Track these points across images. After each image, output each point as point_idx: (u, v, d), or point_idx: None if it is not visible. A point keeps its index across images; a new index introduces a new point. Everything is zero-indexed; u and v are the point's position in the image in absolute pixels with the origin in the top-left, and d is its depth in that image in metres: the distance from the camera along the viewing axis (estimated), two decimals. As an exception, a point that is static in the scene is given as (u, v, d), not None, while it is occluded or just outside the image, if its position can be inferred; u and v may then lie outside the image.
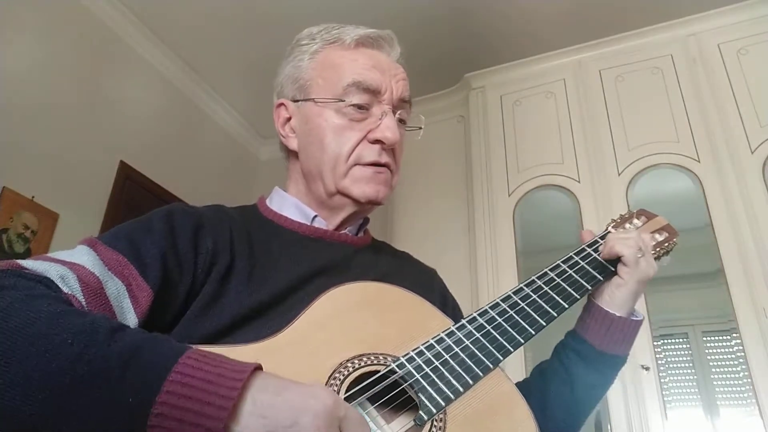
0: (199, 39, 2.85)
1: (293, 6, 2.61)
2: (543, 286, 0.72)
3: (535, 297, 0.70)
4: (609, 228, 0.86)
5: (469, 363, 0.61)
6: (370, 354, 0.58)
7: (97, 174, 2.49)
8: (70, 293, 0.52)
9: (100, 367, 0.42)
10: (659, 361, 2.05)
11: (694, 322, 2.39)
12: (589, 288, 0.74)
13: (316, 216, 0.79)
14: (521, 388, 0.63)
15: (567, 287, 0.72)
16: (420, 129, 0.87)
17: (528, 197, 2.52)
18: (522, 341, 0.65)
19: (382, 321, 0.63)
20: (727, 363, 2.18)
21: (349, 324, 0.60)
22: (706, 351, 2.32)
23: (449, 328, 0.64)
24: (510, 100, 2.75)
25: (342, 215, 0.79)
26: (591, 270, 0.75)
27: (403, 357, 0.59)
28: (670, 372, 2.18)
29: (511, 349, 0.64)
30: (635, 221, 0.89)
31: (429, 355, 0.60)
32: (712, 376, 2.24)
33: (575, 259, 0.77)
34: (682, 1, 2.48)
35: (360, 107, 0.77)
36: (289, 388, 0.45)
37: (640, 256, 0.75)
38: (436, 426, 0.55)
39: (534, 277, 0.73)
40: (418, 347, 0.61)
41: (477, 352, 0.62)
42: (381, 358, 0.59)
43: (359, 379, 0.56)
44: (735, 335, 2.00)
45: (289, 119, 0.82)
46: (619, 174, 2.38)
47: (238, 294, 0.65)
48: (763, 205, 2.09)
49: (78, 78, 2.46)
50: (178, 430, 0.40)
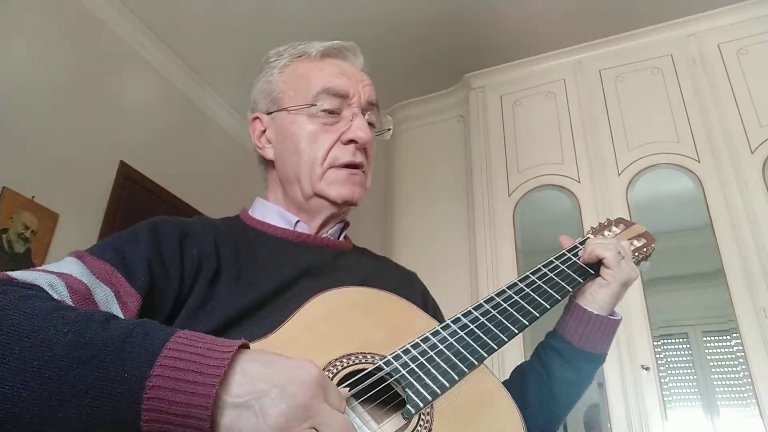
0: (199, 39, 2.86)
1: (293, 6, 2.62)
2: (525, 288, 0.75)
3: (517, 298, 0.73)
4: (588, 235, 0.89)
5: (455, 360, 0.62)
6: (358, 353, 0.60)
7: (97, 174, 2.49)
8: (60, 299, 0.54)
9: (95, 349, 0.44)
10: (659, 361, 2.05)
11: (694, 322, 2.39)
12: (570, 290, 0.77)
13: (298, 221, 0.83)
14: None
15: (548, 289, 0.75)
16: (389, 130, 0.91)
17: (528, 197, 2.53)
18: (506, 339, 0.67)
19: (370, 323, 0.65)
20: (727, 363, 2.18)
21: (338, 326, 0.62)
22: (706, 351, 2.32)
23: (435, 327, 0.66)
24: (510, 100, 2.75)
25: (321, 217, 0.83)
26: (571, 273, 0.79)
27: (389, 355, 0.61)
28: (670, 372, 2.18)
29: (495, 347, 0.66)
30: (614, 229, 0.93)
31: (415, 352, 0.62)
32: (712, 376, 2.24)
33: (556, 263, 0.81)
34: (682, 1, 2.48)
35: (331, 112, 0.81)
36: (277, 360, 0.47)
37: (621, 258, 0.78)
38: (423, 420, 0.57)
39: (516, 280, 0.76)
40: (404, 346, 0.63)
41: (462, 349, 0.64)
42: (369, 356, 0.60)
43: (347, 377, 0.57)
44: (735, 335, 2.00)
45: (264, 131, 0.86)
46: (619, 174, 2.38)
47: (228, 296, 0.67)
48: (763, 205, 2.09)
49: (78, 78, 2.46)
50: (172, 400, 0.42)
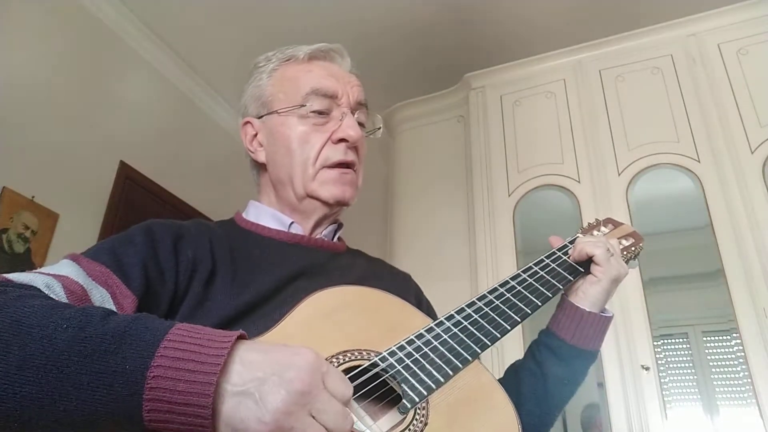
0: (199, 39, 2.86)
1: (294, 6, 2.62)
2: (516, 285, 0.76)
3: (509, 296, 0.74)
4: (577, 234, 0.91)
5: (449, 356, 0.63)
6: (354, 350, 0.61)
7: (97, 174, 2.49)
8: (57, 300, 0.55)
9: (96, 343, 0.45)
10: (659, 361, 2.05)
11: (694, 322, 2.39)
12: (560, 287, 0.78)
13: (292, 222, 0.83)
14: None
15: (539, 287, 0.77)
16: (379, 129, 0.92)
17: (528, 197, 2.52)
18: (498, 336, 0.68)
19: (365, 321, 0.65)
20: (727, 363, 2.18)
21: (333, 324, 0.63)
22: (706, 351, 2.32)
23: (429, 324, 0.67)
24: (510, 100, 2.75)
25: (314, 218, 0.84)
26: (562, 271, 0.80)
27: (385, 351, 0.61)
28: (670, 372, 2.18)
29: (489, 343, 0.66)
30: (603, 228, 0.95)
31: (410, 349, 0.63)
32: (712, 376, 2.24)
33: (546, 261, 0.82)
34: (682, 1, 2.48)
35: (320, 113, 0.82)
36: (275, 348, 0.48)
37: (610, 255, 0.79)
38: (419, 415, 0.57)
39: (508, 278, 0.77)
40: (399, 342, 0.63)
41: (456, 345, 0.65)
42: (365, 353, 0.61)
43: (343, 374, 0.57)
44: (735, 335, 1.99)
45: (255, 135, 0.87)
46: (619, 174, 2.38)
47: (223, 297, 0.68)
48: (763, 205, 2.09)
49: (78, 78, 2.46)
50: (174, 389, 0.43)
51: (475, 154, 2.71)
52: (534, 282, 0.77)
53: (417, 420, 0.57)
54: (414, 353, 0.62)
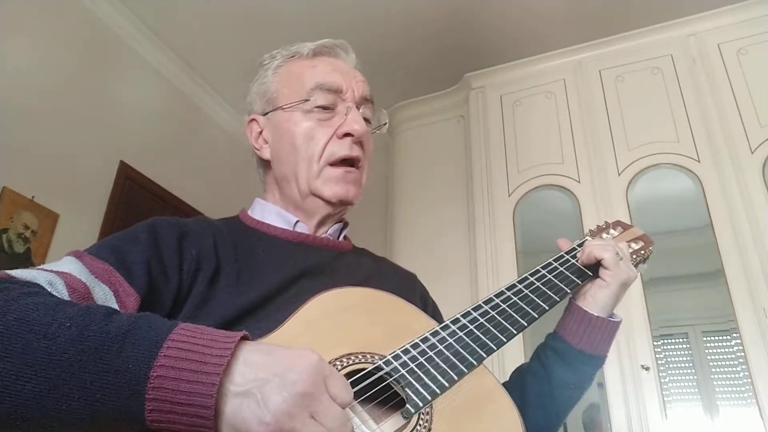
0: (199, 39, 2.86)
1: (293, 6, 2.62)
2: (524, 289, 0.75)
3: (516, 299, 0.73)
4: (586, 237, 0.89)
5: (454, 360, 0.62)
6: (357, 353, 0.60)
7: (97, 174, 2.49)
8: (59, 297, 0.54)
9: (98, 342, 0.45)
10: (659, 361, 2.05)
11: (694, 322, 2.39)
12: (568, 291, 0.77)
13: (297, 221, 0.82)
14: None
15: (547, 290, 0.75)
16: (385, 125, 0.91)
17: (528, 197, 2.53)
18: (504, 340, 0.67)
19: (369, 323, 0.65)
20: (727, 363, 2.18)
21: (337, 326, 0.62)
22: (706, 351, 2.32)
23: (434, 327, 0.66)
24: (510, 100, 2.75)
25: (317, 217, 0.83)
26: (570, 275, 0.79)
27: (389, 355, 0.61)
28: (670, 372, 2.18)
29: (494, 348, 0.66)
30: (611, 231, 0.93)
31: (414, 352, 0.62)
32: (712, 376, 2.24)
33: (554, 264, 0.81)
34: (682, 1, 2.48)
35: (325, 108, 0.81)
36: (278, 350, 0.48)
37: (619, 259, 0.78)
38: (422, 419, 0.57)
39: (515, 281, 0.76)
40: (404, 346, 0.63)
41: (461, 350, 0.64)
42: (368, 356, 0.60)
43: (346, 377, 0.56)
44: (735, 335, 2.00)
45: (261, 132, 0.86)
46: (619, 174, 2.38)
47: (227, 296, 0.67)
48: (763, 205, 2.09)
49: (78, 78, 2.46)
50: (177, 389, 0.43)
51: (475, 154, 2.71)
52: (541, 285, 0.76)
53: (421, 425, 0.56)
54: (418, 357, 0.62)
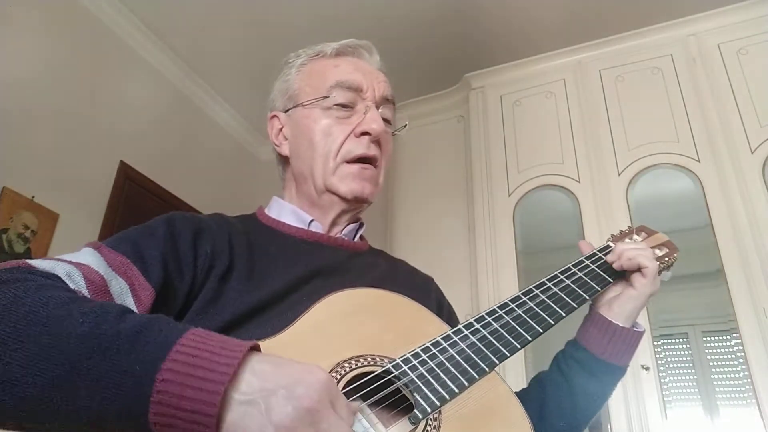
0: (199, 39, 2.86)
1: (294, 7, 2.62)
2: (540, 294, 0.73)
3: (532, 305, 0.71)
4: (608, 242, 0.86)
5: (465, 365, 0.61)
6: (367, 356, 0.59)
7: (97, 174, 2.49)
8: (76, 289, 0.55)
9: (109, 341, 0.45)
10: (659, 361, 2.05)
11: (694, 322, 2.40)
12: (587, 298, 0.74)
13: (312, 220, 0.82)
14: (520, 397, 0.63)
15: (565, 297, 0.73)
16: (405, 126, 0.92)
17: (528, 197, 2.53)
18: (518, 346, 0.65)
19: (380, 325, 0.64)
20: (727, 363, 2.18)
21: (347, 327, 0.61)
22: (706, 351, 2.32)
23: (446, 332, 0.65)
24: (510, 100, 2.75)
25: (332, 214, 0.83)
26: (590, 281, 0.77)
27: (399, 358, 0.60)
28: (670, 372, 2.18)
29: (508, 354, 0.64)
30: (635, 237, 0.89)
31: (425, 356, 0.61)
32: (712, 376, 2.24)
33: (573, 270, 0.78)
34: (682, 1, 2.48)
35: (344, 106, 0.81)
36: (287, 362, 0.47)
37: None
38: (430, 425, 0.56)
39: (532, 286, 0.74)
40: (414, 349, 0.61)
41: (473, 355, 0.62)
42: (378, 359, 0.59)
43: (355, 379, 0.56)
44: (735, 335, 2.00)
45: (281, 129, 0.87)
46: (619, 174, 2.38)
47: (238, 293, 0.67)
48: (763, 205, 2.09)
49: (78, 78, 2.46)
50: (181, 395, 0.43)
51: (475, 154, 2.71)
52: (559, 291, 0.73)
53: (428, 431, 0.55)
54: (429, 361, 0.60)
